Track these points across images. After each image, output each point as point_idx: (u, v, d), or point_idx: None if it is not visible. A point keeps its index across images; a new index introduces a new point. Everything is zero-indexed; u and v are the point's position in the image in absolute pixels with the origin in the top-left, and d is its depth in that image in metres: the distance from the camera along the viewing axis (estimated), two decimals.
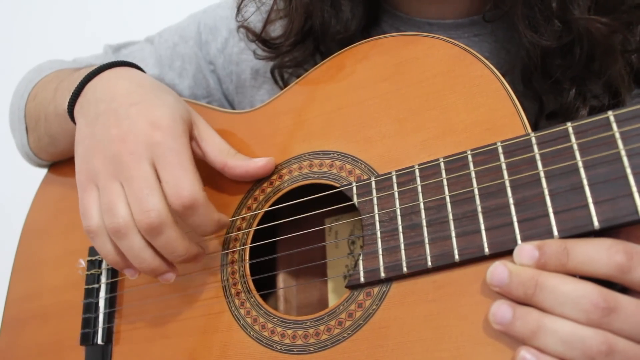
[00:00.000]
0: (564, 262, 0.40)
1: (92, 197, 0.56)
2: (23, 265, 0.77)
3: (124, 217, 0.53)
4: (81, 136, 0.60)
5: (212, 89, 0.81)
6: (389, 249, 0.49)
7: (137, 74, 0.64)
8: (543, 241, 0.41)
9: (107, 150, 0.55)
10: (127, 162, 0.53)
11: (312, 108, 0.60)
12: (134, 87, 0.60)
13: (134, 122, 0.55)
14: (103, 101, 0.59)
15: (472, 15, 0.66)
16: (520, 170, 0.45)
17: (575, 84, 0.57)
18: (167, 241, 0.53)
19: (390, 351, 0.47)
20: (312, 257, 0.65)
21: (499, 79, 0.50)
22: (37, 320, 0.70)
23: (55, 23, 1.45)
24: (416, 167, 0.50)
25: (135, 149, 0.54)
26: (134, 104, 0.57)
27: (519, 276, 0.41)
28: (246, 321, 0.55)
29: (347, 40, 0.65)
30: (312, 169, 0.57)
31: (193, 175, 0.53)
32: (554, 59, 0.57)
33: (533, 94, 0.61)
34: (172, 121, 0.55)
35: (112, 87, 0.60)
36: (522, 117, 0.48)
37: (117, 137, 0.55)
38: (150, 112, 0.56)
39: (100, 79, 0.63)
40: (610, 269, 0.39)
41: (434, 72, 0.53)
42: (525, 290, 0.40)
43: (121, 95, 0.58)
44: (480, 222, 0.46)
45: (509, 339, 0.42)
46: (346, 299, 0.51)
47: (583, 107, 0.58)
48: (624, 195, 0.41)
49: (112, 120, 0.57)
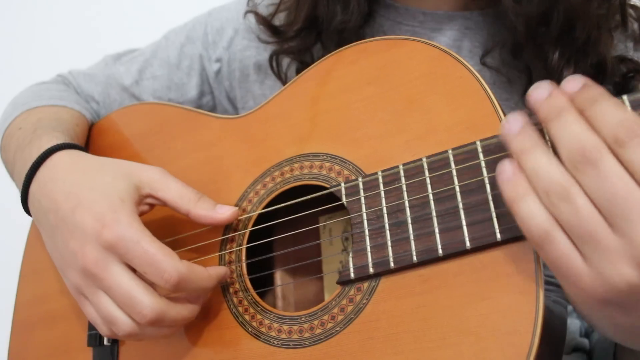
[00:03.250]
0: (587, 106, 0.40)
1: (90, 309, 0.57)
2: (30, 270, 0.80)
3: (125, 323, 0.54)
4: (50, 249, 0.61)
5: (216, 87, 0.84)
6: (377, 246, 0.51)
7: (67, 162, 0.63)
8: (589, 82, 0.41)
9: (76, 266, 0.56)
10: (97, 273, 0.54)
11: (301, 112, 0.62)
12: (69, 186, 0.59)
13: (83, 230, 0.55)
14: (50, 211, 0.60)
15: (466, 6, 0.70)
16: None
17: (558, 45, 0.61)
18: (172, 321, 0.54)
19: (381, 343, 0.49)
20: (308, 254, 0.68)
21: (478, 80, 0.52)
22: (46, 323, 0.73)
23: (58, 27, 1.47)
24: (401, 167, 0.52)
25: (98, 257, 0.54)
26: (75, 208, 0.57)
27: (554, 99, 0.41)
28: (244, 318, 0.58)
29: (348, 32, 0.68)
30: (302, 170, 0.60)
31: (163, 253, 0.53)
32: (537, 27, 0.60)
33: (523, 66, 0.64)
34: (113, 212, 0.55)
35: (50, 193, 0.60)
36: (501, 116, 0.50)
37: (78, 251, 0.55)
38: (91, 211, 0.55)
39: (38, 184, 0.63)
40: (609, 135, 0.38)
41: (416, 75, 0.56)
42: (548, 114, 0.41)
43: (61, 201, 0.58)
44: (462, 218, 0.48)
45: (492, 326, 0.44)
46: (338, 294, 0.53)
47: (567, 67, 0.61)
48: None
49: (66, 233, 0.57)
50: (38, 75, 0.90)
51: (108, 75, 0.86)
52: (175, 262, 0.53)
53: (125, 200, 0.56)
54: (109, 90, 0.86)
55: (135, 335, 0.55)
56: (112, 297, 0.54)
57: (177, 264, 0.53)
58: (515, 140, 0.42)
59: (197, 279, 0.55)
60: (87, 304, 0.57)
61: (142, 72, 0.85)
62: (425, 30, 0.71)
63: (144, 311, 0.52)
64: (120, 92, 0.85)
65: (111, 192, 0.57)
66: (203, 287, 0.56)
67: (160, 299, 0.53)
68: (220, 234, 0.63)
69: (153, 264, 0.52)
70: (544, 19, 0.60)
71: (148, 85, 0.85)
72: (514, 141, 0.42)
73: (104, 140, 0.78)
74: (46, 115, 0.75)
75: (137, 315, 0.53)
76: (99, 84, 0.86)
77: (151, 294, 0.53)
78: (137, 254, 0.53)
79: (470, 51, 0.69)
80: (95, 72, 0.88)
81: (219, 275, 0.58)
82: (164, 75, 0.84)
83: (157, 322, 0.53)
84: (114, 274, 0.53)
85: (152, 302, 0.52)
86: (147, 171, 0.60)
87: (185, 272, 0.53)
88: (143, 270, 0.53)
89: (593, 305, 0.41)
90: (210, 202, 0.59)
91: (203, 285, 0.56)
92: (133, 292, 0.52)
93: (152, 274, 0.53)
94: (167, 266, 0.52)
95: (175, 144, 0.71)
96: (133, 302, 0.52)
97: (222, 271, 0.58)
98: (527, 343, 0.43)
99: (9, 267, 0.85)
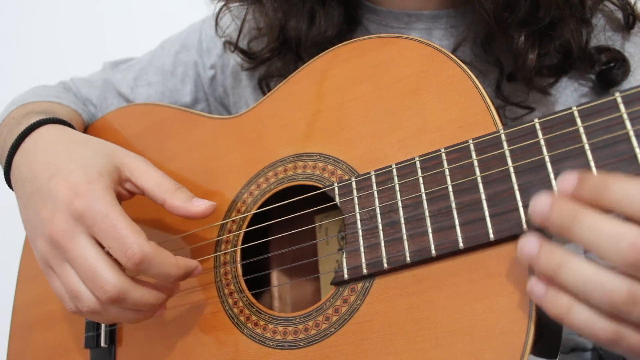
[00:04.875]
0: (600, 195, 0.38)
1: (56, 282, 0.56)
2: (28, 273, 0.80)
3: (89, 299, 0.53)
4: (23, 219, 0.61)
5: (210, 94, 0.85)
6: (370, 246, 0.51)
7: (54, 134, 0.63)
8: (585, 172, 0.39)
9: (44, 235, 0.55)
10: (64, 244, 0.53)
11: (295, 112, 0.62)
12: (50, 156, 0.59)
13: (55, 198, 0.55)
14: (27, 180, 0.59)
15: (450, 6, 0.69)
16: (491, 166, 0.47)
17: (523, 28, 0.60)
18: (135, 302, 0.53)
19: (375, 343, 0.49)
20: (304, 254, 0.68)
21: (470, 78, 0.52)
22: (44, 326, 0.73)
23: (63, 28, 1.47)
24: (394, 167, 0.52)
25: (65, 227, 0.53)
26: (52, 177, 0.56)
27: (560, 208, 0.39)
28: (240, 319, 0.58)
29: (327, 43, 0.67)
30: (296, 170, 0.59)
31: (131, 230, 0.52)
32: (504, 11, 0.60)
33: (494, 59, 0.65)
34: (88, 182, 0.54)
35: (31, 162, 0.60)
36: (493, 114, 0.50)
37: (48, 219, 0.54)
38: (67, 181, 0.55)
39: (22, 153, 0.63)
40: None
41: (409, 73, 0.55)
42: (562, 223, 0.39)
43: (40, 170, 0.58)
44: (455, 217, 0.48)
45: (486, 326, 0.44)
46: (332, 295, 0.53)
47: (531, 50, 0.61)
48: None
49: (38, 202, 0.57)
50: (42, 79, 0.91)
51: (105, 80, 0.88)
52: (141, 240, 0.52)
53: (103, 175, 0.56)
54: (106, 94, 0.87)
55: (98, 313, 0.54)
56: (76, 270, 0.53)
57: (143, 243, 0.52)
58: (540, 260, 0.40)
59: (162, 263, 0.53)
60: (54, 277, 0.56)
61: (138, 79, 0.86)
62: (411, 32, 0.71)
63: (105, 287, 0.51)
64: (116, 96, 0.87)
65: (91, 165, 0.56)
66: (166, 272, 0.54)
67: (123, 276, 0.52)
68: (216, 234, 0.63)
69: (119, 238, 0.51)
70: (510, 2, 0.59)
71: (143, 92, 0.86)
72: (539, 261, 0.40)
73: None
74: (41, 106, 0.76)
75: (98, 290, 0.52)
76: (96, 88, 0.88)
77: (114, 270, 0.52)
78: (103, 226, 0.52)
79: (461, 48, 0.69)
80: (94, 79, 0.89)
81: (187, 267, 0.55)
82: (158, 82, 0.85)
83: (119, 301, 0.52)
84: (80, 246, 0.52)
85: (114, 278, 0.51)
86: (130, 156, 0.59)
87: (149, 252, 0.52)
88: (108, 245, 0.52)
89: None
90: (187, 194, 0.58)
91: (166, 271, 0.53)
92: (96, 266, 0.52)
93: (116, 249, 0.51)
94: (132, 243, 0.51)
95: (169, 144, 0.71)
96: (95, 276, 0.51)
97: (192, 264, 0.56)
98: (521, 343, 0.43)
99: (8, 269, 0.86)
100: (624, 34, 0.66)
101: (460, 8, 0.69)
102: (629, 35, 0.66)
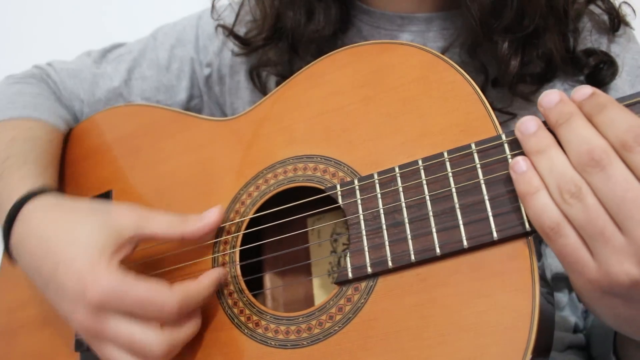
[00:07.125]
0: (597, 112, 0.42)
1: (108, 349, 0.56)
2: (9, 276, 0.78)
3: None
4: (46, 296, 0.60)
5: (206, 92, 0.84)
6: (375, 246, 0.52)
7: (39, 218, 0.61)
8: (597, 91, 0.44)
9: (76, 326, 0.56)
10: (97, 333, 0.54)
11: (295, 114, 0.62)
12: (44, 244, 0.58)
13: (68, 293, 0.55)
14: (35, 269, 0.60)
15: (443, 9, 0.71)
16: (494, 169, 0.49)
17: (507, 35, 0.63)
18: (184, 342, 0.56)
19: (380, 340, 0.50)
20: (297, 257, 0.68)
21: (470, 84, 0.54)
22: (29, 329, 0.71)
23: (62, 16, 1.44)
24: (397, 169, 0.53)
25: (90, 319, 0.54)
26: (57, 268, 0.56)
27: (563, 105, 0.44)
28: (240, 320, 0.58)
29: (323, 41, 0.68)
30: (296, 172, 0.60)
31: (153, 289, 0.53)
32: (490, 18, 0.63)
33: (480, 65, 0.67)
34: (91, 268, 0.54)
35: (30, 251, 0.60)
36: (494, 119, 0.52)
37: (71, 314, 0.55)
38: (71, 269, 0.55)
39: (17, 239, 0.62)
40: (617, 140, 0.41)
41: (410, 78, 0.57)
42: (558, 119, 0.44)
43: (43, 260, 0.58)
44: (459, 218, 0.49)
45: (490, 323, 0.46)
46: (335, 294, 0.54)
47: (514, 56, 0.64)
48: None
49: (55, 295, 0.57)
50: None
51: (95, 74, 0.85)
52: (169, 292, 0.54)
53: (104, 252, 0.55)
54: (94, 89, 0.84)
55: None
56: (118, 347, 0.54)
57: (172, 293, 0.54)
58: (531, 140, 0.45)
59: (196, 296, 0.56)
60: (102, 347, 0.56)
61: (131, 71, 0.84)
62: (404, 34, 0.72)
63: (153, 350, 0.53)
64: (106, 92, 0.84)
65: (90, 245, 0.56)
66: (203, 299, 0.57)
67: (163, 332, 0.54)
68: (213, 236, 0.63)
69: (150, 304, 0.53)
70: (496, 8, 0.62)
71: (137, 85, 0.84)
72: (530, 140, 0.45)
73: (90, 142, 0.77)
74: (20, 134, 0.73)
75: (149, 355, 0.53)
76: (84, 80, 0.84)
77: (154, 332, 0.53)
78: (130, 302, 0.53)
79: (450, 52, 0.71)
80: (81, 68, 0.86)
81: (213, 280, 0.58)
82: (153, 76, 0.83)
83: (171, 352, 0.54)
84: (112, 327, 0.53)
85: (157, 339, 0.53)
86: (125, 212, 0.59)
87: (182, 297, 0.54)
88: (143, 314, 0.53)
89: (597, 296, 0.44)
90: (193, 216, 0.60)
91: (202, 298, 0.57)
92: (136, 337, 0.53)
93: (153, 313, 0.53)
94: (164, 300, 0.53)
95: (163, 145, 0.70)
96: (139, 346, 0.53)
97: (216, 274, 0.59)
98: (524, 338, 0.45)
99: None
100: (610, 36, 0.69)
101: (452, 11, 0.71)
102: (614, 37, 0.69)
